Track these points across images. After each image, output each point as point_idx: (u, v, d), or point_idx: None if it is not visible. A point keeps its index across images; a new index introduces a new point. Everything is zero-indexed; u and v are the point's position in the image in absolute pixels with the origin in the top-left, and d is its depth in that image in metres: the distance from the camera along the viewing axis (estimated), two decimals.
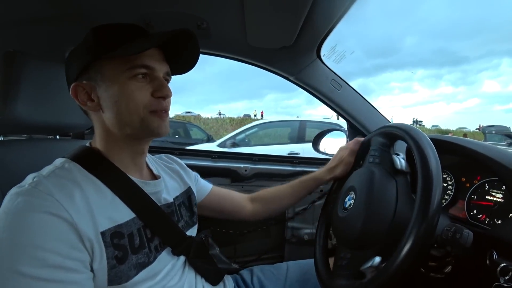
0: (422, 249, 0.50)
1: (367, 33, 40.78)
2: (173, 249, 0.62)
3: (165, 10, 0.90)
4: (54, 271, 0.42)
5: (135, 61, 0.55)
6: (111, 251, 0.49)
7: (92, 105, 0.56)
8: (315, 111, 69.66)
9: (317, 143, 1.58)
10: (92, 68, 0.55)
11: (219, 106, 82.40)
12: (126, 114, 0.55)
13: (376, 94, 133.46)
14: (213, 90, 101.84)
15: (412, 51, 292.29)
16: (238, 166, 1.33)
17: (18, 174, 0.54)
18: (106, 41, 0.55)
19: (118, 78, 0.54)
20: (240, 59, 1.20)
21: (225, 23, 0.97)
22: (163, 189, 0.66)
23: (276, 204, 0.93)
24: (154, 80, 0.57)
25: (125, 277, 0.51)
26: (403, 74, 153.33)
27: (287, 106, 79.31)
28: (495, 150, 0.69)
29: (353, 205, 0.69)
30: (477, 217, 0.70)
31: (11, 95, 0.63)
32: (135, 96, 0.55)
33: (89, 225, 0.47)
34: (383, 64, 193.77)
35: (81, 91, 0.56)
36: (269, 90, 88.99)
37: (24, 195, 0.45)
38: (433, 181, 0.53)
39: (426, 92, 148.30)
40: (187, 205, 0.74)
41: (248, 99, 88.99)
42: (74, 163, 0.54)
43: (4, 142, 0.67)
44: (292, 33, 0.96)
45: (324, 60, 1.18)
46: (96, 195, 0.51)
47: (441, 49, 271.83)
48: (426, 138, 0.61)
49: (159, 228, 0.59)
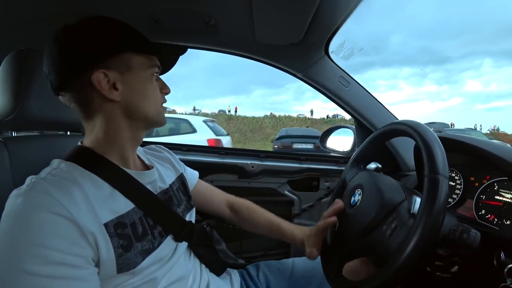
0: (427, 247, 0.50)
1: (354, 30, 39.98)
2: (175, 235, 0.64)
3: (173, 7, 0.91)
4: (57, 268, 0.43)
5: (155, 61, 0.62)
6: (116, 240, 0.51)
7: (116, 94, 0.56)
8: (303, 107, 69.14)
9: (324, 140, 1.58)
10: (118, 59, 0.56)
11: (206, 101, 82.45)
12: (148, 106, 0.60)
13: None
14: (199, 85, 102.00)
15: (398, 49, 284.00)
16: (245, 163, 1.33)
17: (30, 169, 0.55)
18: (134, 36, 0.59)
19: (146, 73, 0.59)
20: (247, 56, 1.20)
21: (233, 20, 0.97)
22: (158, 178, 0.68)
23: (248, 225, 0.92)
24: (159, 79, 0.64)
25: (133, 263, 0.52)
26: (389, 72, 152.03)
27: (274, 102, 78.93)
28: (506, 149, 0.68)
29: (361, 202, 0.69)
30: (485, 217, 0.69)
31: (23, 93, 0.65)
32: (156, 91, 0.62)
33: (90, 219, 0.48)
34: (370, 62, 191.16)
35: (103, 78, 0.54)
36: (257, 85, 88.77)
37: (23, 196, 0.46)
38: (440, 179, 0.52)
39: (411, 90, 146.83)
40: (182, 190, 0.76)
41: (235, 95, 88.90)
42: (70, 162, 0.55)
43: (17, 138, 0.69)
44: (300, 30, 0.95)
45: (332, 57, 1.17)
46: (95, 189, 0.53)
47: (426, 48, 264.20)
48: (434, 136, 0.60)
49: (158, 216, 0.61)
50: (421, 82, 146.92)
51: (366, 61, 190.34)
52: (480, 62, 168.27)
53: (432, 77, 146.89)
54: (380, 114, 1.24)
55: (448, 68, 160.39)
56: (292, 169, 1.36)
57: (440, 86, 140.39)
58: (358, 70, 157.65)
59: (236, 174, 1.34)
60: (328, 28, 1.00)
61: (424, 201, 0.52)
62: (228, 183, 1.34)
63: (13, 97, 0.64)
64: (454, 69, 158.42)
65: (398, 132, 0.71)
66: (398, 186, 0.68)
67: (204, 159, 1.34)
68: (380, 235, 0.60)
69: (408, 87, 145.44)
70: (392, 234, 0.58)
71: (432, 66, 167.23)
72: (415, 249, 0.49)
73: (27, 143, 0.69)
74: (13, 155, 0.64)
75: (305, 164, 1.38)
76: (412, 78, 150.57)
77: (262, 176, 1.36)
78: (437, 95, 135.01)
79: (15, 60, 0.66)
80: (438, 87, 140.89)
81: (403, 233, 0.56)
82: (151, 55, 0.61)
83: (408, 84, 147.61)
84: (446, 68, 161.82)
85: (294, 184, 1.40)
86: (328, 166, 1.39)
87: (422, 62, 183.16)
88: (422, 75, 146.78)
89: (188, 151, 1.37)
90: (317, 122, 26.40)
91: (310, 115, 30.06)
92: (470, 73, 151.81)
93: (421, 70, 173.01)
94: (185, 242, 0.68)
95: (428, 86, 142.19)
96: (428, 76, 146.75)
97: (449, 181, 0.54)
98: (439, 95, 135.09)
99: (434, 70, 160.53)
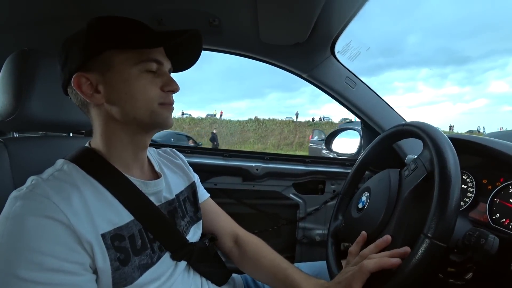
0: (438, 252, 0.48)
1: (368, 31, 38.58)
2: (173, 254, 0.60)
3: (177, 7, 0.90)
4: (53, 275, 0.42)
5: (148, 55, 0.54)
6: (113, 253, 0.49)
7: (98, 97, 0.53)
8: (318, 110, 68.63)
9: (329, 142, 1.56)
10: (99, 59, 0.52)
11: (221, 105, 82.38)
12: (137, 107, 0.54)
13: (379, 93, 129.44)
14: (214, 89, 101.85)
15: (415, 50, 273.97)
16: (249, 165, 1.31)
17: (31, 170, 0.54)
18: (117, 32, 0.53)
19: (130, 71, 0.53)
20: (252, 56, 1.19)
21: (237, 20, 0.96)
22: (164, 188, 0.64)
23: (249, 265, 0.76)
24: (163, 75, 0.57)
25: (130, 278, 0.50)
26: (406, 73, 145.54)
27: (290, 106, 78.49)
28: None
29: (368, 205, 0.67)
30: (500, 221, 0.66)
31: (25, 93, 0.64)
32: (147, 89, 0.54)
33: (87, 228, 0.46)
34: (386, 63, 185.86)
35: (84, 82, 0.52)
36: (271, 89, 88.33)
37: (22, 198, 0.45)
38: (451, 181, 0.50)
39: (431, 92, 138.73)
40: (191, 200, 0.73)
41: (250, 98, 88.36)
42: (73, 165, 0.53)
43: (18, 139, 0.68)
44: (305, 30, 0.94)
45: (338, 57, 1.16)
46: (95, 197, 0.51)
47: (444, 48, 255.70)
48: (444, 137, 0.58)
49: (158, 231, 0.58)
50: (441, 83, 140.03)
51: (381, 63, 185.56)
52: (504, 61, 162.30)
53: (453, 77, 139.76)
54: (388, 115, 1.22)
55: (470, 68, 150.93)
56: (297, 172, 1.34)
57: (462, 87, 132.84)
58: (374, 72, 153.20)
59: (241, 176, 1.33)
60: (334, 28, 0.98)
61: (434, 205, 0.50)
62: (232, 185, 1.33)
63: (14, 97, 0.64)
64: (476, 69, 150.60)
65: (406, 134, 0.69)
66: (396, 169, 0.68)
67: (208, 162, 1.32)
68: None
69: (427, 88, 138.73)
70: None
71: (453, 66, 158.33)
72: (424, 255, 0.47)
73: (27, 144, 0.68)
74: (13, 156, 0.63)
75: (310, 167, 1.36)
76: (432, 79, 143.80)
77: (267, 179, 1.34)
78: (459, 96, 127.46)
79: (16, 61, 0.66)
80: (460, 88, 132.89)
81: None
82: (139, 49, 0.54)
83: (428, 85, 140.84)
84: (467, 68, 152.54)
85: (299, 187, 1.38)
86: (334, 168, 1.36)
87: (441, 63, 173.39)
88: (442, 76, 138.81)
89: (192, 153, 1.36)
90: (301, 125, 26.53)
91: (296, 118, 30.04)
92: (494, 73, 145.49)
93: (430, 69, 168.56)
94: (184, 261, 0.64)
95: (449, 88, 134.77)
96: (449, 77, 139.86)
97: (461, 184, 0.52)
98: (462, 96, 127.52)
99: (455, 70, 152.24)
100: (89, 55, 0.52)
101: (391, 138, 0.78)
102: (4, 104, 0.64)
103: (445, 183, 0.51)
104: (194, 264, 0.66)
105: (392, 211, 0.61)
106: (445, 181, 0.51)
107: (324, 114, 37.04)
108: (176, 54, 0.61)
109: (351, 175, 0.86)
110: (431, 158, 0.55)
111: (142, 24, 0.57)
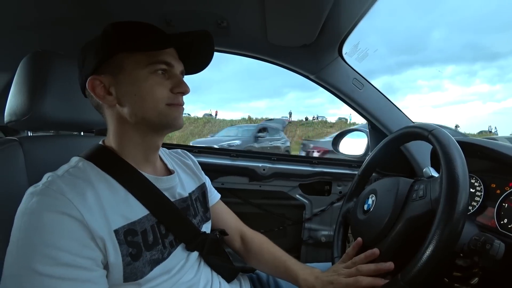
0: (443, 256, 0.48)
1: (389, 28, 37.11)
2: (187, 244, 0.62)
3: (185, 9, 0.91)
4: (67, 269, 0.43)
5: (157, 57, 0.55)
6: (125, 248, 0.50)
7: (110, 99, 0.55)
8: (339, 110, 67.28)
9: (336, 143, 1.55)
10: (112, 62, 0.55)
11: (240, 104, 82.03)
12: (145, 108, 0.55)
13: (402, 92, 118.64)
14: (233, 88, 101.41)
15: (439, 46, 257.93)
16: (256, 165, 1.32)
17: (44, 168, 0.55)
18: (128, 35, 0.55)
19: (139, 72, 0.54)
20: (259, 58, 1.19)
21: (245, 21, 0.96)
22: (177, 184, 0.66)
23: (254, 261, 0.83)
24: (173, 77, 0.58)
25: (140, 273, 0.51)
26: (431, 71, 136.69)
27: (309, 105, 77.10)
28: None
29: (374, 207, 0.67)
30: (508, 226, 0.66)
31: (39, 94, 0.66)
32: (155, 91, 0.55)
33: (101, 224, 0.48)
34: (408, 61, 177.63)
35: (98, 84, 0.55)
36: (290, 88, 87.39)
37: (38, 194, 0.46)
38: (459, 184, 0.50)
39: (458, 90, 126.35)
40: (201, 200, 0.74)
41: (269, 98, 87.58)
42: (88, 162, 0.55)
43: (32, 138, 0.70)
44: (313, 31, 0.94)
45: (346, 59, 1.15)
46: (109, 193, 0.52)
47: (471, 44, 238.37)
48: (451, 139, 0.58)
49: (172, 224, 0.60)
50: (470, 81, 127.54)
51: (403, 60, 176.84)
52: None
53: (482, 75, 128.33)
54: (395, 117, 1.21)
55: (502, 65, 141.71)
56: (304, 173, 1.34)
57: (492, 85, 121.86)
58: (393, 70, 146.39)
59: (247, 176, 1.33)
60: (342, 28, 0.98)
61: (441, 209, 0.50)
62: (238, 185, 1.34)
63: (29, 98, 0.66)
64: (508, 66, 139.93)
65: (414, 136, 0.69)
66: (408, 180, 0.67)
67: (215, 161, 1.34)
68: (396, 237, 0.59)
69: (454, 87, 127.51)
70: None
71: (482, 63, 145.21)
72: (430, 259, 0.47)
73: (41, 143, 0.70)
74: (28, 154, 0.65)
75: (317, 168, 1.36)
76: (459, 77, 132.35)
77: (273, 179, 1.34)
78: (490, 95, 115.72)
79: (31, 62, 0.68)
80: (490, 87, 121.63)
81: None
82: (148, 51, 0.55)
83: (454, 83, 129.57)
84: (498, 64, 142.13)
85: (305, 187, 1.38)
86: (341, 170, 1.36)
87: (469, 59, 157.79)
88: (471, 73, 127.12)
89: (199, 152, 1.37)
90: (292, 124, 26.53)
91: (289, 117, 29.99)
92: None
93: (439, 72, 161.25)
94: (196, 252, 0.66)
95: (478, 86, 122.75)
96: (478, 74, 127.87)
97: (469, 188, 0.51)
98: (493, 95, 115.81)
99: (484, 67, 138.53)
100: (102, 58, 0.54)
101: (399, 140, 0.77)
102: (19, 104, 0.66)
103: (453, 187, 0.50)
104: (205, 256, 0.68)
105: (392, 226, 0.60)
106: (453, 185, 0.50)
107: (344, 114, 36.44)
108: (187, 56, 0.63)
109: (358, 176, 0.86)
110: (438, 196, 0.53)
111: (154, 28, 0.58)
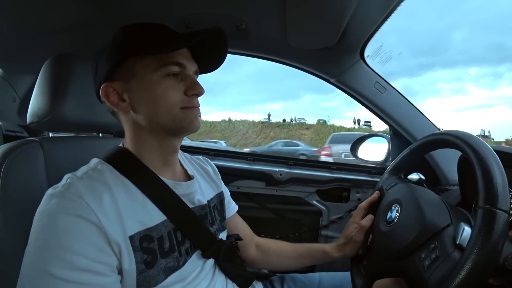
0: (479, 281, 0.44)
1: (408, 28, 35.88)
2: (203, 251, 0.61)
3: (204, 12, 0.90)
4: (82, 274, 0.43)
5: (169, 59, 0.54)
6: (140, 255, 0.49)
7: (124, 105, 0.55)
8: (355, 113, 65.91)
9: (355, 149, 1.50)
10: (123, 67, 0.54)
11: (255, 107, 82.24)
12: (159, 113, 0.54)
13: (422, 96, 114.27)
14: (248, 91, 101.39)
15: (461, 47, 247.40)
16: (273, 170, 1.30)
17: (64, 169, 0.56)
18: (137, 40, 0.54)
19: (151, 76, 0.53)
20: (278, 60, 1.17)
21: (265, 24, 0.95)
22: (197, 190, 0.65)
23: (275, 261, 0.86)
24: (186, 79, 0.56)
25: (154, 281, 0.50)
26: (452, 74, 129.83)
27: (325, 108, 75.83)
28: None
29: (398, 219, 0.64)
30: None
31: (60, 95, 0.67)
32: (168, 94, 0.54)
33: (117, 229, 0.47)
34: (428, 63, 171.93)
35: (111, 92, 0.54)
36: (306, 91, 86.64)
37: (57, 197, 0.46)
38: (498, 200, 0.46)
39: (483, 93, 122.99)
40: (219, 209, 0.73)
41: (284, 100, 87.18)
42: (107, 164, 0.55)
43: (52, 139, 0.71)
44: (335, 33, 0.91)
45: (368, 61, 1.12)
46: (127, 197, 0.51)
47: (496, 44, 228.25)
48: (488, 148, 0.53)
49: (189, 230, 0.59)
50: (495, 84, 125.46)
51: (423, 62, 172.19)
52: None
53: (509, 77, 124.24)
54: (419, 123, 1.16)
55: None
56: (321, 178, 1.31)
57: None
58: (413, 72, 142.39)
59: (264, 181, 1.31)
60: (365, 31, 0.95)
61: (478, 226, 0.46)
62: (255, 189, 1.32)
63: (51, 99, 0.67)
64: None
65: (446, 144, 0.65)
66: (442, 205, 0.62)
67: (231, 165, 1.32)
68: (417, 262, 0.55)
69: (478, 90, 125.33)
70: (431, 264, 0.52)
71: (508, 65, 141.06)
72: (463, 284, 0.44)
73: (61, 144, 0.71)
74: (48, 154, 0.66)
75: (335, 174, 1.32)
76: (483, 79, 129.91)
77: (290, 184, 1.31)
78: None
79: (53, 65, 0.69)
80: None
81: (445, 267, 0.49)
82: (159, 54, 0.53)
83: (478, 86, 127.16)
84: None
85: (323, 194, 1.34)
86: (360, 176, 1.32)
87: (494, 61, 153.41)
88: (496, 76, 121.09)
89: (216, 156, 1.36)
90: (269, 126, 27.03)
91: (268, 118, 29.97)
92: None
93: (469, 75, 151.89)
94: (211, 260, 0.65)
95: (504, 89, 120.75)
96: (504, 77, 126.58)
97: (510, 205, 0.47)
98: None
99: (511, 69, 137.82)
100: (113, 65, 0.53)
101: (428, 146, 0.73)
102: (41, 105, 0.67)
103: (492, 202, 0.46)
104: (221, 264, 0.67)
105: (422, 243, 0.57)
106: (491, 199, 0.46)
107: (361, 116, 35.90)
108: (200, 55, 0.61)
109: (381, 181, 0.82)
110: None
111: (164, 28, 0.57)
